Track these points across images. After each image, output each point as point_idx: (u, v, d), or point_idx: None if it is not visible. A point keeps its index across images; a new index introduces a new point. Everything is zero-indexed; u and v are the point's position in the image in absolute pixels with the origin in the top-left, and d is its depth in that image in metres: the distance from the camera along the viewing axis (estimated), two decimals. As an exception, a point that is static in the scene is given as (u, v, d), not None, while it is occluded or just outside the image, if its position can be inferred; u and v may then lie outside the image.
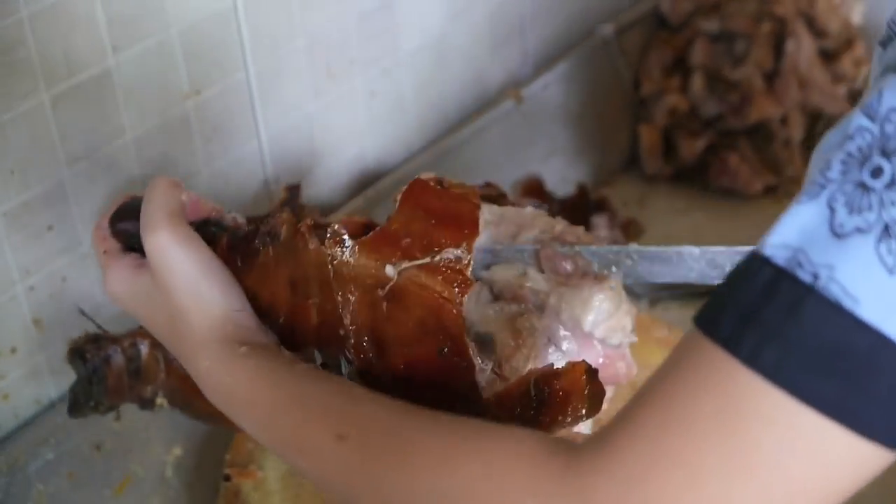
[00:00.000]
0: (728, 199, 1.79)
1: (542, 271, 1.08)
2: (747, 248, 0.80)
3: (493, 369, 0.98)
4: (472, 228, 0.96)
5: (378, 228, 0.98)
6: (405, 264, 0.96)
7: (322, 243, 1.00)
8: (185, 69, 1.30)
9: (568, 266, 1.11)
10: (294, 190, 1.36)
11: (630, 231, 1.74)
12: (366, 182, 1.56)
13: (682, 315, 1.52)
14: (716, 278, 1.09)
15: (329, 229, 1.00)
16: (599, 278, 1.07)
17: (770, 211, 1.73)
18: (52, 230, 1.24)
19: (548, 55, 1.78)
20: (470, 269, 0.95)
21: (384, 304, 0.97)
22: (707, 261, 1.12)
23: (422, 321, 0.96)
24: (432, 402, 0.92)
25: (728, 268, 1.09)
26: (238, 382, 1.00)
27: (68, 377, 1.28)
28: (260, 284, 1.05)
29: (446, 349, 0.96)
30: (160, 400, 1.18)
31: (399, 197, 0.98)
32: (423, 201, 0.97)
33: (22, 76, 1.16)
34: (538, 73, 1.76)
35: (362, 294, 0.98)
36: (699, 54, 1.82)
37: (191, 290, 1.03)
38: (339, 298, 0.99)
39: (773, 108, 1.79)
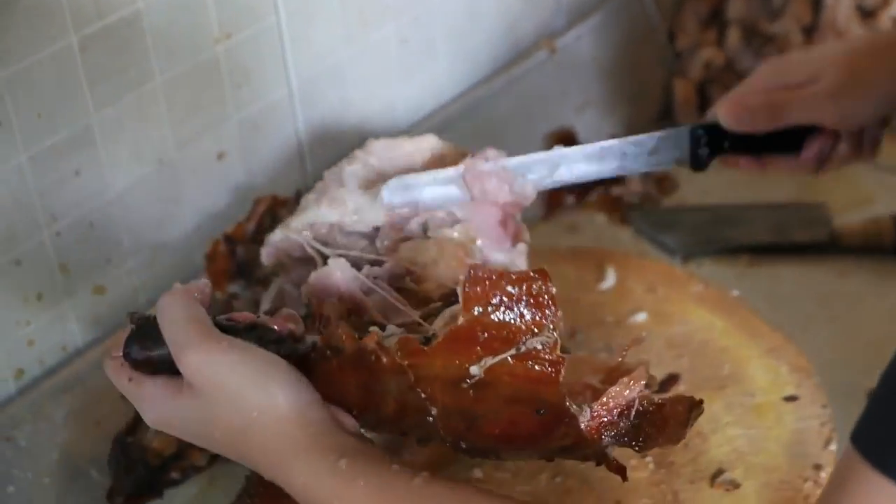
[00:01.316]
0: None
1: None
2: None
3: (591, 413, 0.96)
4: (552, 308, 0.93)
5: (448, 329, 0.94)
6: (490, 361, 0.93)
7: (393, 357, 0.96)
8: (215, 12, 1.28)
9: (493, 181, 1.19)
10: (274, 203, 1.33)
11: (664, 186, 1.71)
12: (395, 132, 1.54)
13: (715, 270, 1.50)
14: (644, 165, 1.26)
15: (397, 342, 0.97)
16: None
17: (805, 166, 1.71)
18: (79, 175, 1.22)
19: (581, 6, 1.75)
20: (558, 347, 0.92)
21: (471, 392, 0.94)
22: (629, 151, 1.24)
23: (515, 399, 0.93)
24: (536, 452, 0.95)
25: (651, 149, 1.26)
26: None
27: (94, 324, 1.28)
28: (325, 389, 0.99)
29: (543, 411, 0.94)
30: None
31: (461, 290, 0.94)
32: (487, 290, 0.93)
33: (50, 18, 1.15)
34: (572, 23, 1.73)
35: (446, 387, 0.95)
36: (736, 7, 1.79)
37: (250, 401, 0.96)
38: (423, 394, 0.96)
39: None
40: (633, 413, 0.94)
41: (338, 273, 1.13)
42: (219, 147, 1.34)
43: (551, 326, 0.93)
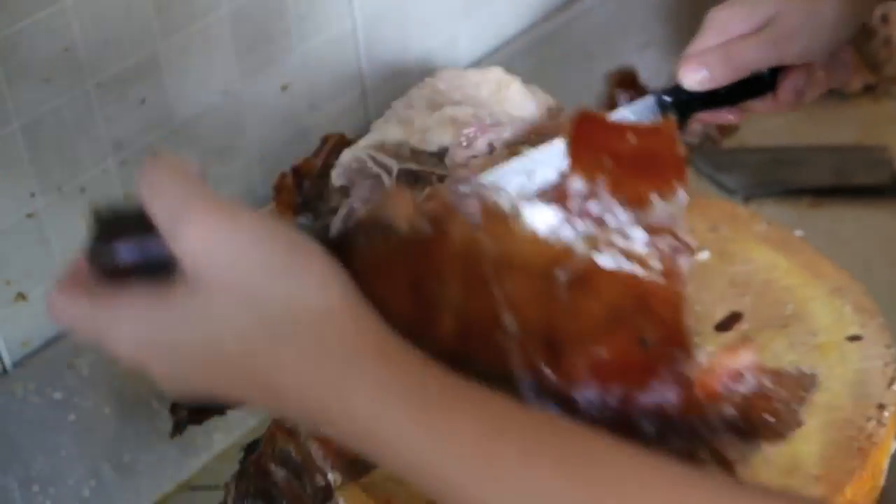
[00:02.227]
0: (826, 97, 1.74)
1: None
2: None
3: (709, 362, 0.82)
4: (679, 171, 0.76)
5: (551, 186, 0.74)
6: (601, 234, 0.74)
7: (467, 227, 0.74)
8: (281, -57, 1.28)
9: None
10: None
11: (724, 127, 1.70)
12: (458, 66, 1.53)
13: (776, 212, 1.49)
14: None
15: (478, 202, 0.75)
16: None
17: (868, 109, 1.70)
18: (144, 104, 1.22)
19: (645, -56, 1.74)
20: (685, 227, 0.75)
21: (564, 292, 0.74)
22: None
23: (618, 306, 0.74)
24: (625, 412, 0.73)
25: None
26: (445, 453, 0.69)
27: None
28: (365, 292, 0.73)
29: (649, 341, 0.75)
30: None
31: (568, 136, 0.74)
32: (601, 141, 0.74)
33: (118, -56, 1.15)
34: (635, -38, 1.72)
35: (531, 283, 0.74)
36: (800, -52, 1.78)
37: (278, 292, 0.70)
38: (496, 295, 0.74)
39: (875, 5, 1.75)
40: (747, 385, 0.83)
41: None
42: (282, 79, 1.33)
43: (680, 195, 0.75)
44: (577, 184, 0.74)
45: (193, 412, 1.19)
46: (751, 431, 0.84)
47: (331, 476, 1.06)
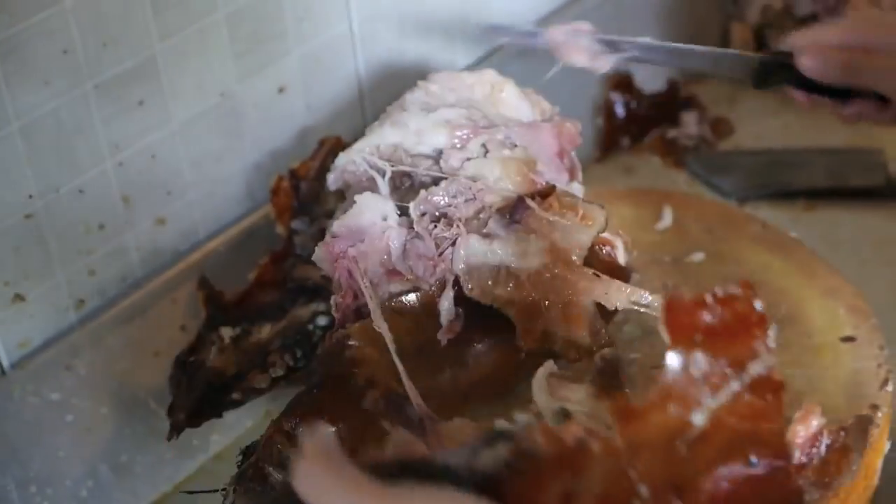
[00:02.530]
0: (820, 101, 1.76)
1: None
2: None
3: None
4: (761, 325, 0.85)
5: (661, 380, 0.84)
6: (713, 402, 0.83)
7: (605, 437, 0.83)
8: (278, -55, 1.29)
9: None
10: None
11: (720, 130, 1.71)
12: (455, 69, 1.54)
13: (771, 214, 1.50)
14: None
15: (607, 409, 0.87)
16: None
17: (863, 113, 1.71)
18: (142, 105, 1.23)
19: (641, -53, 1.75)
20: (776, 369, 0.84)
21: (685, 451, 0.84)
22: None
23: (730, 448, 0.85)
24: None
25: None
26: None
27: (154, 256, 1.29)
28: None
29: (756, 460, 0.85)
30: None
31: (663, 328, 0.84)
32: (693, 321, 0.84)
33: (117, -54, 1.15)
34: (632, -36, 1.73)
35: (657, 453, 0.84)
36: (795, -49, 1.79)
37: None
38: (633, 473, 0.84)
39: (868, 8, 1.75)
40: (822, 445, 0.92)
41: (366, 213, 1.14)
42: (280, 81, 1.34)
43: (768, 345, 0.85)
44: (676, 361, 0.84)
45: (191, 415, 1.20)
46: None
47: None
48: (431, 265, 1.13)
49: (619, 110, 1.70)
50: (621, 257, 1.19)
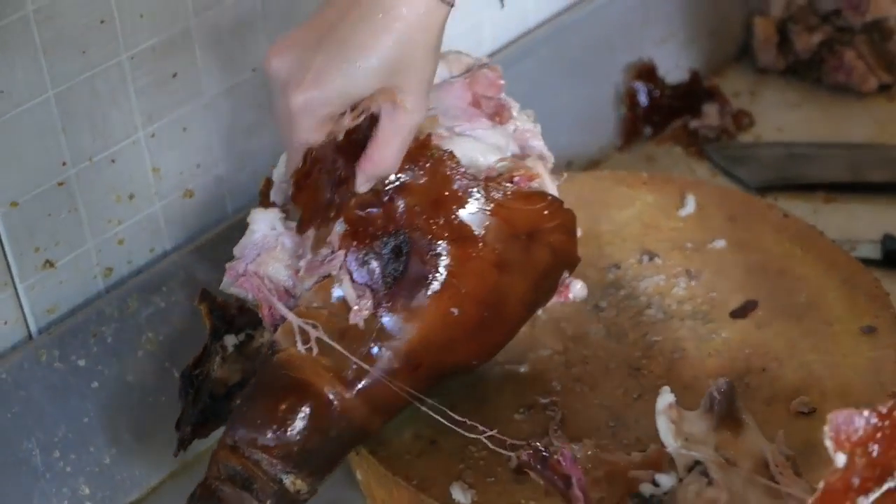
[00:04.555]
0: (841, 96, 1.77)
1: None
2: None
3: None
4: None
5: (824, 485, 0.92)
6: (866, 502, 0.92)
7: None
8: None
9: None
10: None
11: (741, 122, 1.73)
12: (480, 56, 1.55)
13: (791, 206, 1.50)
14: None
15: None
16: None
17: (884, 108, 1.72)
18: (176, 78, 1.24)
19: (667, -62, 1.76)
20: None
21: None
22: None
23: None
24: None
25: None
26: None
27: (182, 228, 1.30)
28: None
29: None
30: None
31: (831, 444, 0.92)
32: (853, 437, 0.91)
33: (156, -81, 1.16)
34: (657, -45, 1.74)
35: None
36: (819, -54, 1.80)
37: None
38: None
39: (892, 6, 1.76)
40: None
41: (257, 229, 1.15)
42: (310, 58, 1.35)
43: None
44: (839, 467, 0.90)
45: (197, 426, 1.21)
46: None
47: (286, 479, 1.07)
48: (318, 261, 1.14)
49: (642, 99, 1.71)
50: (549, 186, 1.17)
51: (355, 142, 1.07)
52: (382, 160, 1.06)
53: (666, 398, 1.07)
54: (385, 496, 1.17)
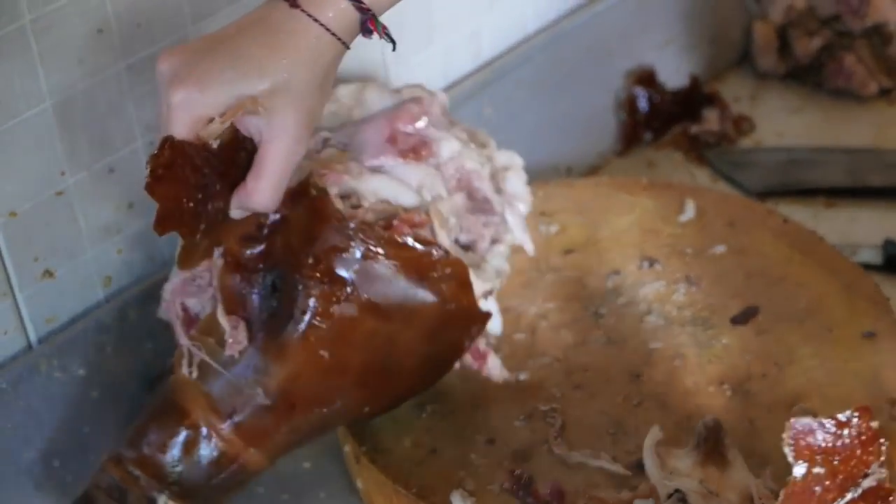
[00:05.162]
0: (842, 100, 1.77)
1: None
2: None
3: None
4: (874, 442, 0.97)
5: (785, 493, 0.96)
6: None
7: None
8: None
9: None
10: None
11: (741, 127, 1.72)
12: (479, 62, 1.55)
13: (791, 211, 1.50)
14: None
15: None
16: None
17: (884, 113, 1.72)
18: (174, 86, 1.24)
19: (666, -57, 1.76)
20: (886, 479, 0.96)
21: None
22: None
23: None
24: None
25: None
26: None
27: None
28: None
29: None
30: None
31: (790, 452, 0.96)
32: (813, 446, 0.96)
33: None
34: (656, -39, 1.74)
35: None
36: (818, -49, 1.79)
37: None
38: None
39: (893, 10, 1.76)
40: None
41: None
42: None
43: (880, 462, 0.95)
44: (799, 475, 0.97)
45: None
46: None
47: (159, 499, 1.10)
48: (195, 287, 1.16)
49: (642, 105, 1.71)
50: (438, 234, 1.15)
51: (230, 161, 1.05)
52: (255, 191, 1.04)
53: (653, 435, 1.09)
54: (385, 504, 1.17)
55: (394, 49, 1.07)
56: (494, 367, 1.20)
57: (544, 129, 1.60)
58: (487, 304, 1.16)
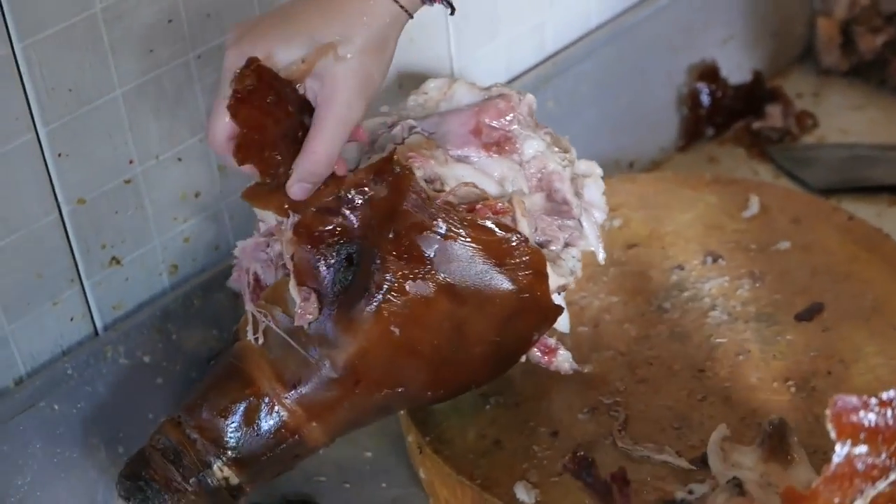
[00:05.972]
0: (906, 98, 1.76)
1: None
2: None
3: None
4: None
5: (829, 469, 0.94)
6: (871, 492, 0.93)
7: None
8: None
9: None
10: None
11: (804, 123, 1.72)
12: (542, 55, 1.55)
13: (855, 208, 1.49)
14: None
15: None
16: None
17: (950, 111, 1.71)
18: (242, 76, 1.24)
19: (730, -61, 1.75)
20: None
21: None
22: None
23: None
24: None
25: None
26: None
27: (246, 225, 1.30)
28: None
29: None
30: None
31: (833, 428, 0.93)
32: (856, 423, 0.93)
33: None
34: (720, -44, 1.73)
35: None
36: (885, -53, 1.78)
37: None
38: None
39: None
40: None
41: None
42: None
43: None
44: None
45: None
46: None
47: (215, 464, 1.10)
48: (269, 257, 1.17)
49: (705, 100, 1.70)
50: (520, 223, 1.13)
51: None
52: (308, 152, 1.05)
53: (720, 432, 1.10)
54: (448, 495, 1.17)
55: (452, 13, 1.07)
56: (564, 361, 1.20)
57: (606, 124, 1.60)
58: (559, 301, 1.16)
